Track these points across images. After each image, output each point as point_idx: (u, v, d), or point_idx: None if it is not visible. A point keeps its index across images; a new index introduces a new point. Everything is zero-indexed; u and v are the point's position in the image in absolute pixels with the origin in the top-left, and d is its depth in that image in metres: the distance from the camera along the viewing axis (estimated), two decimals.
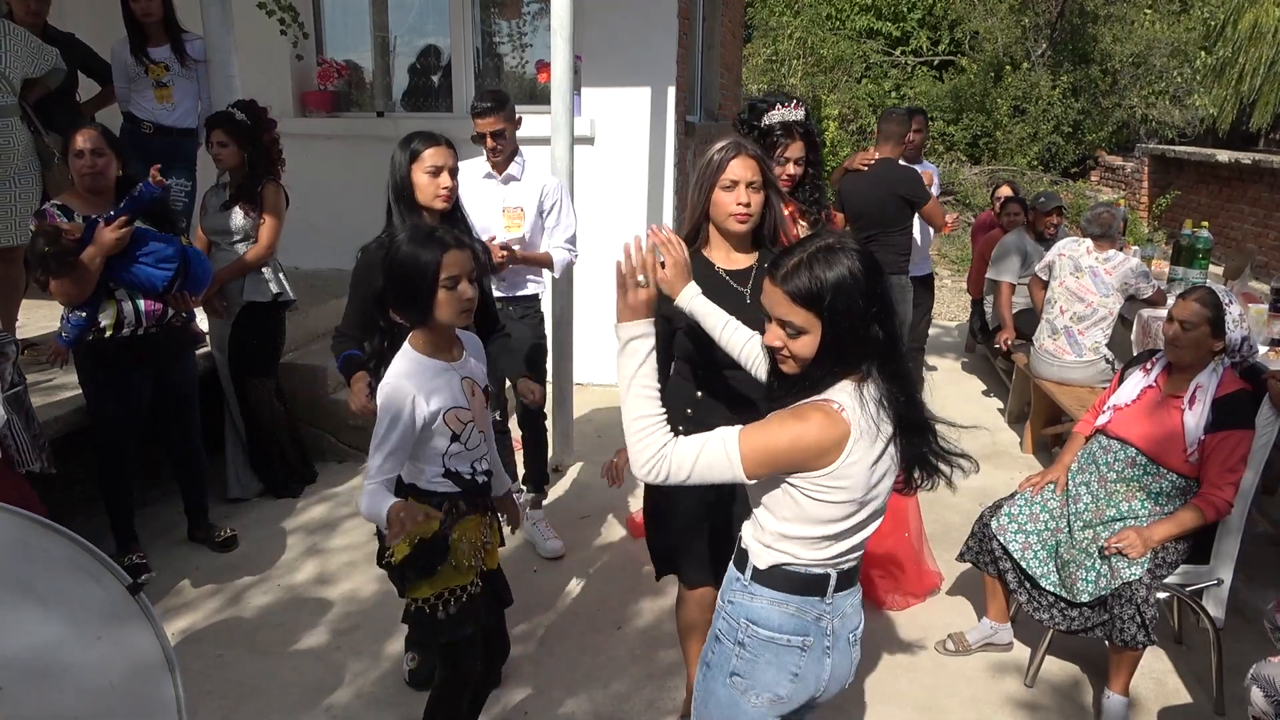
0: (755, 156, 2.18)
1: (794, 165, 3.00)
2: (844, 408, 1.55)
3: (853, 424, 1.53)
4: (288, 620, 3.21)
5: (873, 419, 1.55)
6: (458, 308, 1.99)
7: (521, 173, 3.55)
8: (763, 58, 13.78)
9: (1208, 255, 4.91)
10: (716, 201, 2.19)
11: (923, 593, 3.43)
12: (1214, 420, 2.72)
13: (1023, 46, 13.22)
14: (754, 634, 1.67)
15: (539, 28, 5.69)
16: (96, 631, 1.86)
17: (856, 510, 1.61)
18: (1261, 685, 2.07)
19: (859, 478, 1.56)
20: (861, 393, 1.56)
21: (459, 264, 1.98)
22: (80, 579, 1.86)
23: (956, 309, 8.23)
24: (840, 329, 1.53)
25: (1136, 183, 11.65)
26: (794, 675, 1.67)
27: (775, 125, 2.92)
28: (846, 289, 1.51)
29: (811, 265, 1.53)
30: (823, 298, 1.52)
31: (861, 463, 1.55)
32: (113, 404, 3.30)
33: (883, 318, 1.54)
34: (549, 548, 3.67)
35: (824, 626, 1.67)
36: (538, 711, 2.77)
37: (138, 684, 1.89)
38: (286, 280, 3.94)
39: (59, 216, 3.09)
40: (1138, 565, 2.64)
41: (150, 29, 4.27)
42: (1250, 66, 10.42)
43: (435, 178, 2.59)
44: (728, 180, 2.16)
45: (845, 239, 1.58)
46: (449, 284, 1.97)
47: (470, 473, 2.13)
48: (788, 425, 1.54)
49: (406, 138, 2.61)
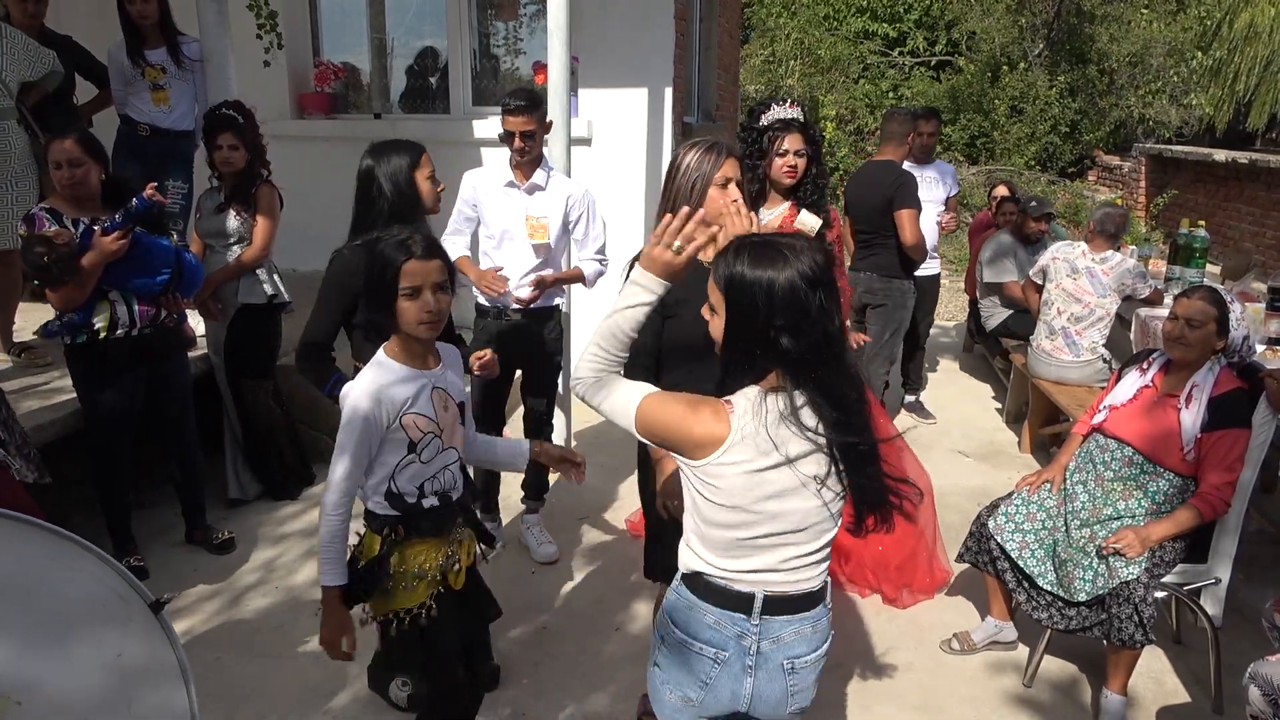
0: (739, 155, 2.27)
1: (794, 156, 3.01)
2: (734, 410, 1.55)
3: (735, 427, 1.53)
4: (286, 622, 3.21)
5: (767, 431, 1.53)
6: (416, 318, 1.94)
7: (547, 182, 3.42)
8: (760, 59, 13.78)
9: (1205, 254, 4.92)
10: (713, 199, 2.20)
11: (933, 589, 3.45)
12: (1211, 419, 2.72)
13: (1020, 46, 13.23)
14: (671, 633, 1.70)
15: (536, 29, 5.69)
16: (117, 649, 1.86)
17: (749, 521, 1.58)
18: (1259, 684, 2.07)
19: (735, 482, 1.55)
20: (764, 402, 1.54)
21: (420, 274, 1.93)
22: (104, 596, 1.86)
23: (955, 309, 8.23)
24: (737, 321, 1.55)
25: (1134, 182, 11.66)
26: (704, 683, 1.67)
27: (774, 122, 2.97)
28: (749, 285, 1.51)
29: (742, 251, 1.55)
30: (729, 284, 1.54)
31: (739, 468, 1.54)
32: (107, 405, 3.29)
33: (795, 331, 1.50)
34: (544, 553, 3.65)
35: (745, 645, 1.64)
36: (536, 713, 2.76)
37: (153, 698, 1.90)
38: (282, 282, 3.93)
39: (48, 221, 3.09)
40: (1135, 564, 2.64)
41: (147, 31, 4.26)
42: (1246, 66, 10.44)
43: (434, 184, 2.64)
44: (722, 178, 2.19)
45: (809, 246, 1.56)
46: (408, 293, 1.93)
47: (415, 494, 2.05)
48: (680, 406, 1.59)
49: (391, 145, 2.59)
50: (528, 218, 3.39)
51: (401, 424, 1.98)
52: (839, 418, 1.52)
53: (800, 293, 1.50)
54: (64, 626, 1.80)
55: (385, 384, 1.98)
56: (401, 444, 2.00)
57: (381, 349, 2.05)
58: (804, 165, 3.05)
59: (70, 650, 1.80)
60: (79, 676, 1.81)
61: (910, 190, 4.41)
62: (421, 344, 2.04)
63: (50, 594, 1.81)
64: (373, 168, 2.57)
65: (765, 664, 1.65)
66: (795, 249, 1.53)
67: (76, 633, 1.81)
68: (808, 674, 1.70)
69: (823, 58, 13.42)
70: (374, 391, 1.96)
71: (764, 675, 1.66)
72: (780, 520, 1.58)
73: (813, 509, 1.59)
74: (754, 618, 1.63)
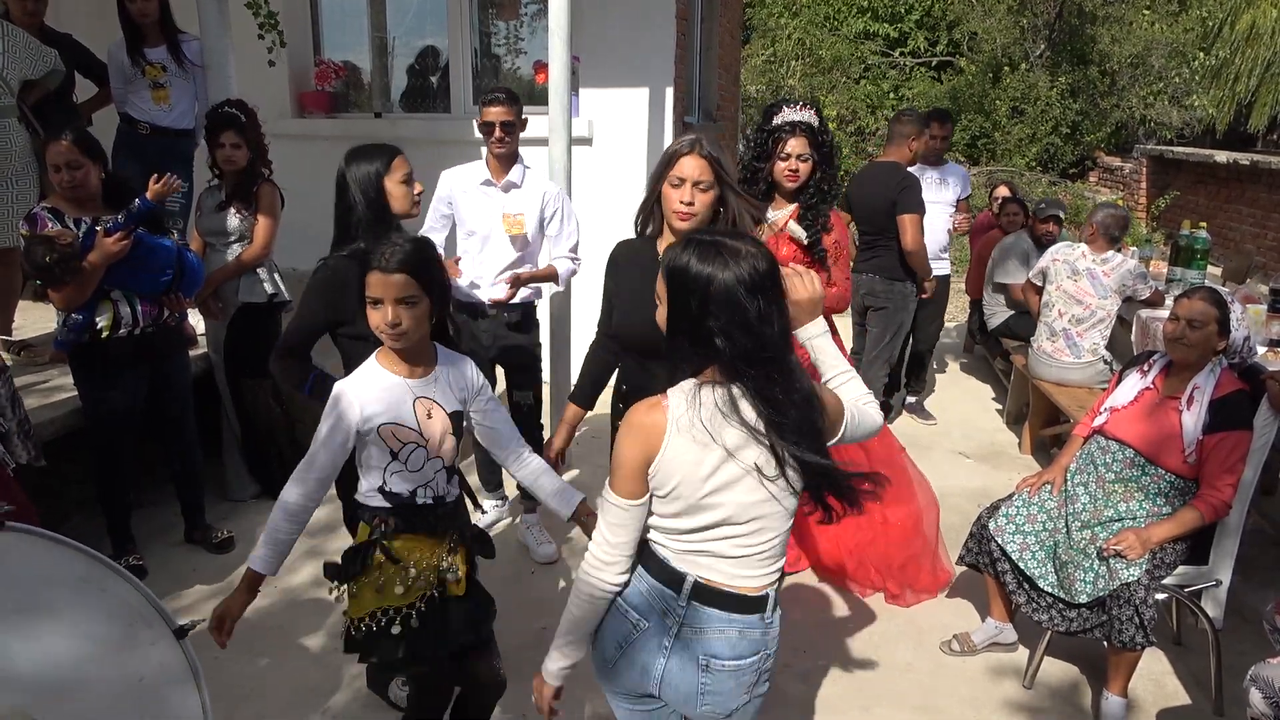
0: (708, 157, 2.20)
1: (797, 160, 3.01)
2: (669, 403, 1.56)
3: (670, 419, 1.54)
4: (285, 622, 3.20)
5: (704, 423, 1.53)
6: (376, 326, 1.95)
7: (522, 179, 3.49)
8: (761, 59, 13.78)
9: (1206, 256, 4.92)
10: (665, 195, 2.24)
11: (936, 589, 3.45)
12: (1212, 421, 2.71)
13: (1021, 47, 13.22)
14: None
15: (537, 29, 5.69)
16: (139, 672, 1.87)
17: (691, 513, 1.58)
18: (1260, 686, 2.07)
19: (678, 473, 1.55)
20: (698, 394, 1.55)
21: (379, 286, 1.93)
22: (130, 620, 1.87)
23: (955, 309, 8.22)
24: (676, 314, 1.57)
25: (1135, 183, 11.65)
26: (619, 645, 1.67)
27: (783, 125, 2.96)
28: (689, 280, 1.53)
29: (689, 246, 1.56)
30: (670, 276, 1.56)
31: (680, 460, 1.54)
32: (108, 404, 3.29)
33: (729, 332, 1.50)
34: (543, 553, 3.66)
35: (668, 625, 1.63)
36: (535, 713, 2.75)
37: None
38: (282, 281, 3.93)
39: (49, 220, 3.08)
40: (1136, 566, 2.63)
41: (147, 29, 4.26)
42: (1247, 67, 10.45)
43: (409, 186, 2.59)
44: (675, 177, 2.20)
45: (755, 252, 1.55)
46: (371, 303, 1.95)
47: (409, 493, 2.04)
48: (619, 451, 1.60)
49: (361, 151, 2.56)
50: (505, 215, 3.44)
51: (380, 434, 1.98)
52: (772, 417, 1.52)
53: (736, 295, 1.50)
54: (89, 644, 1.80)
55: (363, 388, 1.99)
56: (384, 451, 2.00)
57: (375, 353, 2.05)
58: (807, 169, 3.04)
59: (91, 669, 1.80)
60: (98, 697, 1.81)
61: (914, 195, 4.39)
62: (412, 352, 2.02)
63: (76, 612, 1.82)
64: (343, 174, 2.54)
65: (682, 651, 1.62)
66: (739, 252, 1.53)
67: (99, 651, 1.81)
68: (725, 679, 1.62)
69: (824, 58, 13.42)
70: (352, 392, 1.98)
71: (677, 662, 1.63)
72: (722, 510, 1.57)
73: (755, 502, 1.57)
74: (681, 599, 1.61)
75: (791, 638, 3.07)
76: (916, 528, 3.45)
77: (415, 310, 1.96)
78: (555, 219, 3.55)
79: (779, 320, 1.54)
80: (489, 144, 3.41)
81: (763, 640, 1.65)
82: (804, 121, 3.01)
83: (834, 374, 1.79)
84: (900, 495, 3.46)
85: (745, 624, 1.62)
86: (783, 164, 3.04)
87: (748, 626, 1.63)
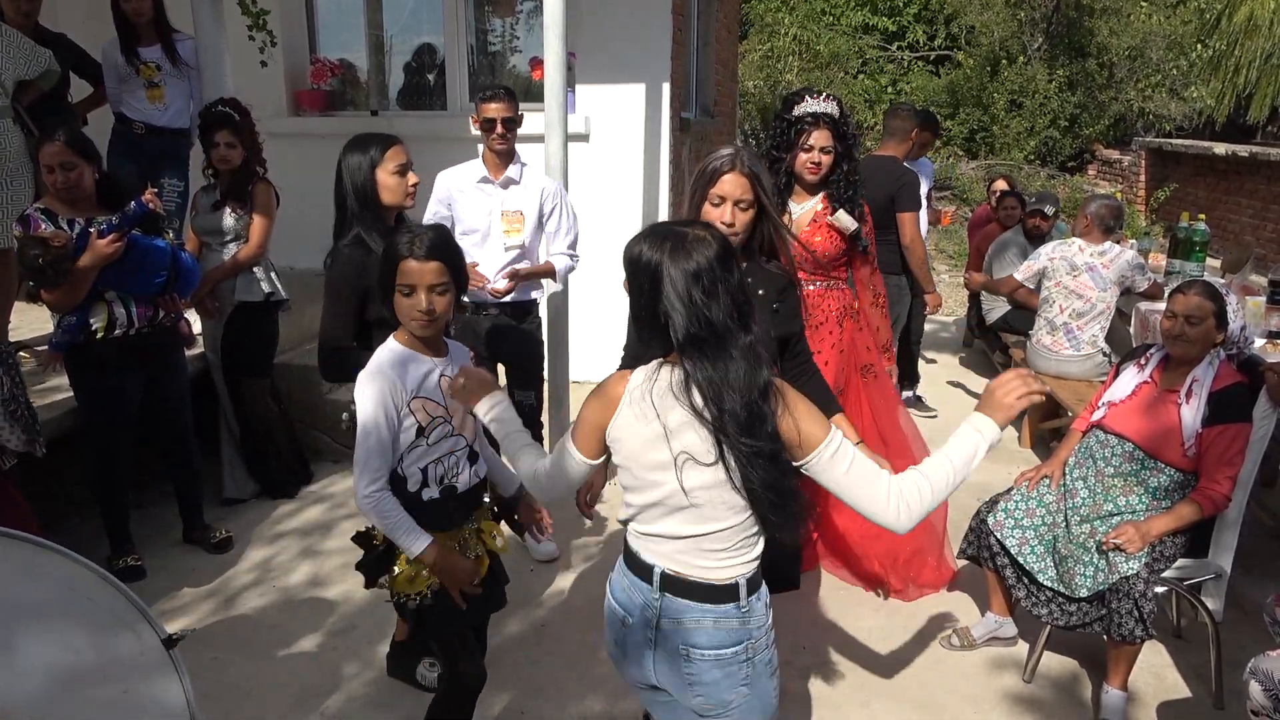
0: (749, 174, 2.14)
1: (820, 153, 2.99)
2: (631, 377, 1.64)
3: (627, 391, 1.62)
4: (283, 622, 3.20)
5: (653, 399, 1.58)
6: (408, 315, 1.98)
7: (521, 176, 3.48)
8: (759, 54, 13.76)
9: (1205, 248, 4.90)
10: (705, 215, 2.18)
11: (939, 584, 3.44)
12: (1211, 414, 2.71)
13: (1019, 40, 13.20)
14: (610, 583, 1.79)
15: (533, 25, 5.68)
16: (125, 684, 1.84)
17: (640, 488, 1.63)
18: (1260, 679, 2.06)
19: (626, 444, 1.62)
20: (657, 371, 1.61)
21: (415, 274, 1.95)
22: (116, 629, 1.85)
23: (954, 304, 8.21)
24: (633, 298, 1.63)
25: (1134, 176, 11.63)
26: (616, 643, 1.75)
27: (804, 116, 2.93)
28: (640, 267, 1.58)
29: (648, 234, 1.61)
30: (628, 261, 1.62)
31: (629, 431, 1.61)
32: (105, 406, 3.29)
33: (676, 317, 1.53)
34: (542, 550, 3.65)
35: (648, 617, 1.66)
36: (534, 710, 2.76)
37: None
38: (279, 280, 3.92)
39: (43, 221, 3.07)
40: (1135, 560, 2.63)
41: (141, 29, 4.25)
42: (1246, 59, 10.42)
43: (402, 177, 2.58)
44: (716, 196, 2.15)
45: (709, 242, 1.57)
46: (405, 291, 1.97)
47: (419, 482, 2.06)
48: (584, 402, 1.71)
49: (357, 141, 2.57)
50: (504, 213, 3.43)
51: (410, 408, 2.01)
52: (714, 403, 1.53)
53: (681, 280, 1.54)
54: (73, 653, 1.78)
55: (394, 364, 2.00)
56: (411, 429, 2.02)
57: (392, 336, 2.07)
58: (829, 162, 3.01)
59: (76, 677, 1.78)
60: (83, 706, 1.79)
61: (912, 192, 4.40)
62: (429, 339, 2.06)
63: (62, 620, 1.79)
64: (339, 165, 2.56)
65: (664, 642, 1.66)
66: (686, 238, 1.57)
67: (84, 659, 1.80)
68: (708, 669, 1.64)
69: (821, 53, 13.41)
70: (384, 371, 1.99)
71: (662, 653, 1.66)
72: (662, 490, 1.60)
73: (696, 487, 1.57)
74: (655, 590, 1.65)
75: (791, 634, 3.07)
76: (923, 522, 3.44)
77: (446, 297, 2.00)
78: (554, 215, 3.54)
79: (727, 305, 1.55)
80: (489, 140, 3.39)
81: (743, 630, 1.64)
82: (827, 113, 2.96)
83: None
84: None
85: (719, 614, 1.63)
86: (805, 156, 3.00)
87: (722, 616, 1.63)
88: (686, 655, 1.64)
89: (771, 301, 2.24)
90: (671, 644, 1.65)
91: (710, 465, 1.56)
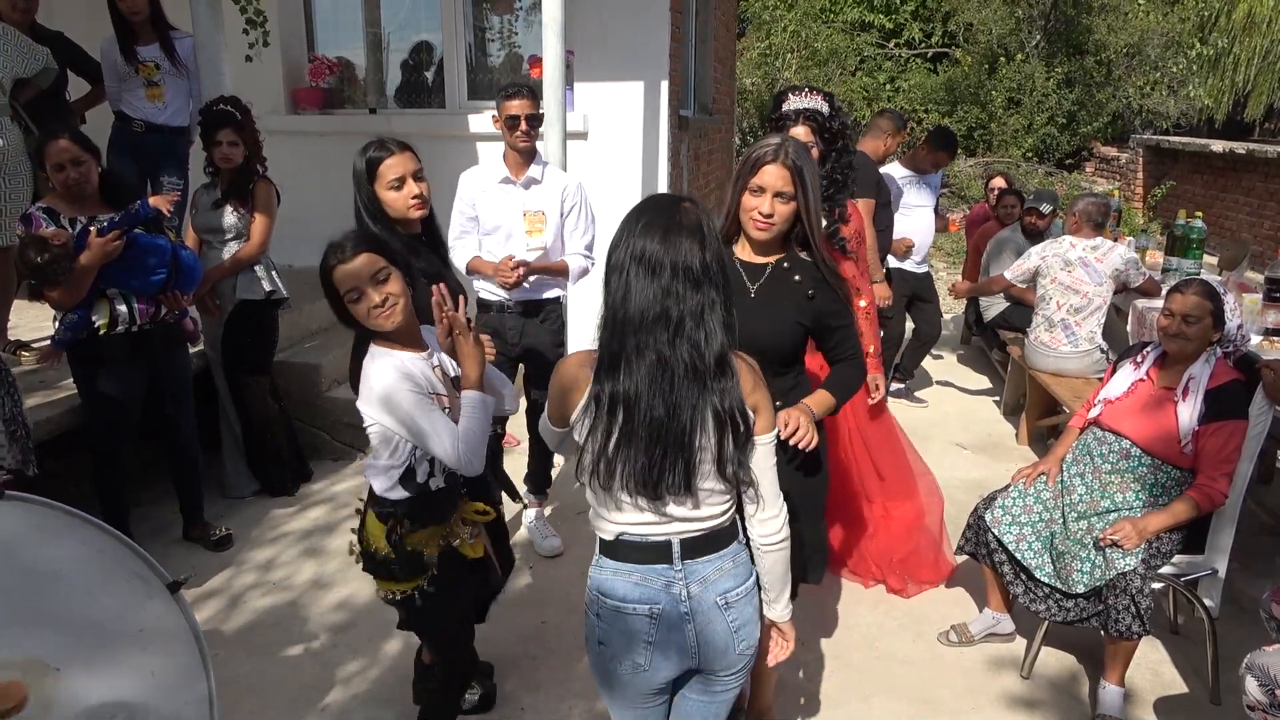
0: (792, 166, 2.07)
1: None
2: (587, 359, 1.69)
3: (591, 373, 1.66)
4: (284, 619, 3.21)
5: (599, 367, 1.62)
6: (366, 315, 1.98)
7: (542, 175, 3.42)
8: (757, 51, 13.74)
9: (1202, 245, 4.92)
10: (744, 204, 2.15)
11: (938, 580, 3.46)
12: (1207, 411, 2.72)
13: (1017, 38, 13.20)
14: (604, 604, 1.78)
15: (531, 23, 5.67)
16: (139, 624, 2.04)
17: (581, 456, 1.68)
18: (1256, 674, 2.07)
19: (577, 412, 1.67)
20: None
21: (350, 276, 1.95)
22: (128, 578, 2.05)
23: (952, 302, 8.22)
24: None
25: (1131, 173, 11.64)
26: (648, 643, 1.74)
27: (788, 112, 2.91)
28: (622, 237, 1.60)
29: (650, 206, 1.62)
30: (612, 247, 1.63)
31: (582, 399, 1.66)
32: (107, 402, 3.29)
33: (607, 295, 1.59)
34: (547, 545, 3.66)
35: (676, 593, 1.70)
36: (535, 708, 2.77)
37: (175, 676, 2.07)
38: (279, 278, 3.92)
39: (44, 221, 3.08)
40: (1132, 556, 2.64)
41: (138, 27, 4.24)
42: (1245, 56, 10.43)
43: (400, 190, 2.46)
44: (756, 185, 2.11)
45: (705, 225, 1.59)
46: (353, 297, 1.96)
47: (426, 472, 2.09)
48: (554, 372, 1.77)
49: (363, 148, 2.50)
50: (525, 213, 3.38)
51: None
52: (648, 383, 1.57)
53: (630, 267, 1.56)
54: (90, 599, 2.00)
55: (402, 365, 2.00)
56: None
57: (373, 345, 2.05)
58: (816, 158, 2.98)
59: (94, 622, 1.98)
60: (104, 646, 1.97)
61: (865, 179, 4.09)
62: (405, 335, 2.04)
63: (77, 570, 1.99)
64: (354, 170, 2.51)
65: (700, 606, 1.68)
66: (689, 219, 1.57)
67: (100, 604, 2.00)
68: (743, 607, 1.72)
69: (819, 50, 13.39)
70: (400, 369, 1.98)
71: (702, 618, 1.69)
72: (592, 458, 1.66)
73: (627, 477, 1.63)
74: (676, 564, 1.67)
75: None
76: (919, 521, 3.45)
77: (393, 281, 1.99)
78: (574, 213, 3.48)
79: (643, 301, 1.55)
80: (511, 138, 3.32)
81: (749, 561, 1.77)
82: (809, 109, 2.90)
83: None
84: (902, 489, 3.45)
85: (730, 554, 1.73)
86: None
87: (734, 555, 1.73)
88: (725, 603, 1.70)
89: (806, 289, 2.19)
90: (707, 603, 1.68)
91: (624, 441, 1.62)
